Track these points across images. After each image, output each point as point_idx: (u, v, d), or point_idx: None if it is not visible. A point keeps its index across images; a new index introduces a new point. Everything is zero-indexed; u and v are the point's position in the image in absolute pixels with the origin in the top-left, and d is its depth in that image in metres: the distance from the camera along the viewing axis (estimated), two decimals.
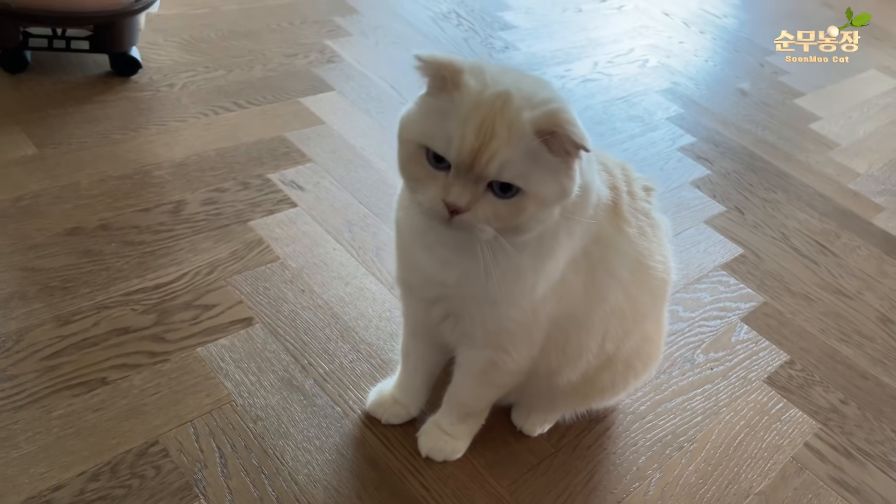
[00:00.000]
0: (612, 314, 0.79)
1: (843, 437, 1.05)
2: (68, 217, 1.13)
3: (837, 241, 1.47)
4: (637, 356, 0.86)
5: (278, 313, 1.05)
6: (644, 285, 0.80)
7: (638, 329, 0.84)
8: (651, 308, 0.84)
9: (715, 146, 1.71)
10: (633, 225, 0.77)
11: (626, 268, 0.77)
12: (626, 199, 0.77)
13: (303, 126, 1.46)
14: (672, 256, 0.86)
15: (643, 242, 0.79)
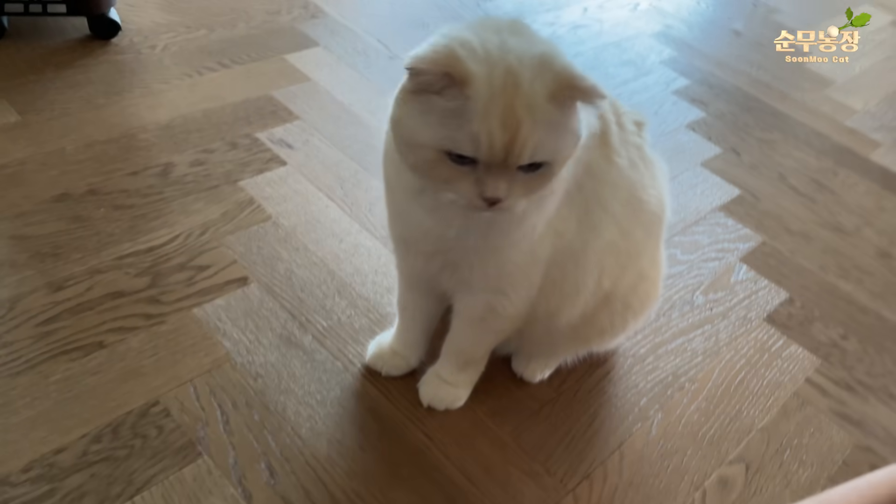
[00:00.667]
0: (607, 249, 0.78)
1: (844, 371, 1.05)
2: (55, 183, 1.12)
3: (835, 179, 1.45)
4: (634, 294, 0.86)
5: (273, 272, 1.04)
6: (637, 220, 0.79)
7: (633, 265, 0.83)
8: (645, 243, 0.83)
9: (709, 88, 1.69)
10: (623, 156, 0.76)
11: (619, 200, 0.76)
12: (615, 130, 0.75)
13: (289, 83, 1.43)
14: (667, 192, 0.85)
15: (635, 175, 0.77)
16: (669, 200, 0.86)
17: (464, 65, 0.59)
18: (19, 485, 0.76)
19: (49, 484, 0.76)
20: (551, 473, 0.86)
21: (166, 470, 0.79)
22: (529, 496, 0.83)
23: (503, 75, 0.59)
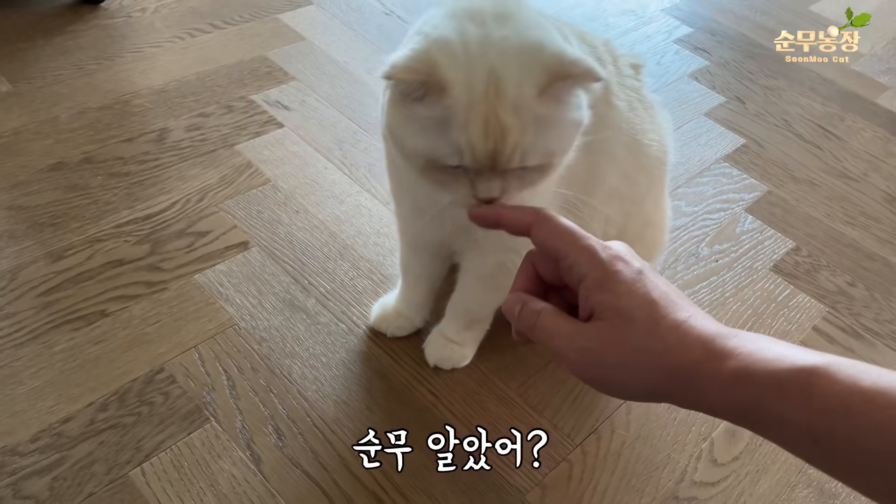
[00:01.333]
0: (612, 196, 0.77)
1: (852, 318, 1.05)
2: (50, 152, 1.10)
3: (841, 124, 1.43)
4: (641, 242, 0.85)
5: (274, 236, 1.03)
6: (639, 164, 0.78)
7: (638, 211, 0.82)
8: (649, 188, 0.82)
9: (712, 35, 1.65)
10: (622, 99, 0.74)
11: (620, 144, 0.75)
12: (612, 71, 0.74)
13: (283, 44, 1.41)
14: (669, 136, 0.83)
15: (634, 118, 0.76)
16: (672, 145, 0.84)
17: (440, 72, 0.55)
18: (28, 454, 0.76)
19: (58, 452, 0.77)
20: (558, 429, 0.86)
21: (174, 436, 0.80)
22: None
23: (484, 79, 0.55)
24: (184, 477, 0.76)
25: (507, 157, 0.56)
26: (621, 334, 0.47)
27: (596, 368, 0.48)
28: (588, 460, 0.84)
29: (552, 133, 0.58)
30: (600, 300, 0.47)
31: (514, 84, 0.55)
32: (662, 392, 0.47)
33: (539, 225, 0.51)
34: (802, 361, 0.43)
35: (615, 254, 0.49)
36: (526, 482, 0.80)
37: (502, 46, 0.56)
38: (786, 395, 0.42)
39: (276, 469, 0.78)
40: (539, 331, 0.49)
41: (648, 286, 0.47)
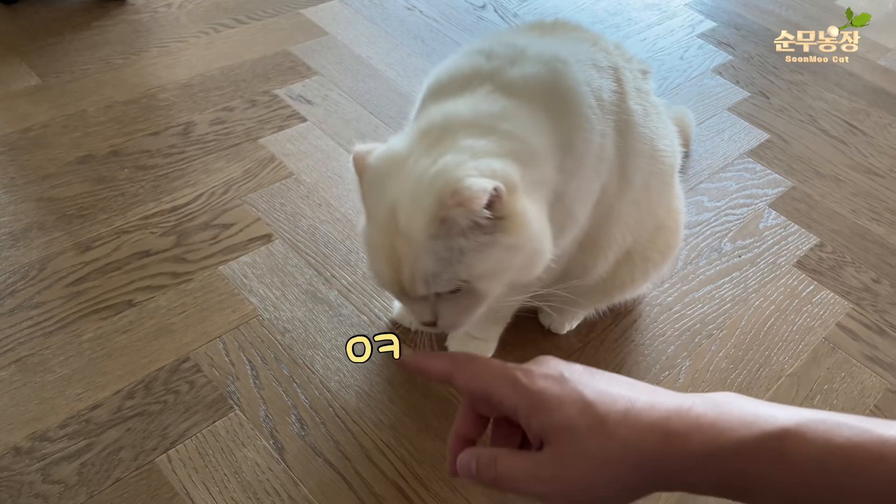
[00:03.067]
0: (632, 204, 0.76)
1: (876, 315, 1.04)
2: (78, 145, 1.12)
3: (867, 120, 1.41)
4: (654, 247, 0.84)
5: (297, 228, 1.04)
6: (654, 171, 0.77)
7: (651, 218, 0.81)
8: (661, 194, 0.81)
9: (736, 30, 1.64)
10: (638, 103, 0.73)
11: (644, 153, 0.74)
12: (628, 77, 0.73)
13: (306, 38, 1.42)
14: (675, 137, 0.83)
15: (651, 124, 0.75)
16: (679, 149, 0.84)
17: (364, 201, 0.60)
18: (57, 440, 0.78)
19: (86, 439, 0.78)
20: None
21: (199, 424, 0.81)
22: None
23: (387, 211, 0.57)
24: (208, 464, 0.77)
25: (409, 285, 0.57)
26: (573, 448, 0.45)
27: (569, 493, 0.46)
28: None
29: (462, 260, 0.56)
30: (540, 423, 0.46)
31: (405, 215, 0.56)
32: (640, 487, 0.45)
33: (457, 372, 0.51)
34: (771, 426, 0.42)
35: (539, 373, 0.48)
36: None
37: (410, 177, 0.57)
38: (763, 465, 0.41)
39: (298, 457, 0.79)
40: (503, 480, 0.47)
41: (579, 389, 0.46)
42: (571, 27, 0.76)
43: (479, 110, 0.62)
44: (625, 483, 0.45)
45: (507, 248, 0.57)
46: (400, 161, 0.59)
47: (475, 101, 0.64)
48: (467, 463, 0.49)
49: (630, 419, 0.44)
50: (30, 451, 0.77)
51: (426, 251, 0.56)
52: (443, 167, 0.57)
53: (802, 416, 0.42)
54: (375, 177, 0.60)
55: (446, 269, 0.56)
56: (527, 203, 0.58)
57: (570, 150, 0.65)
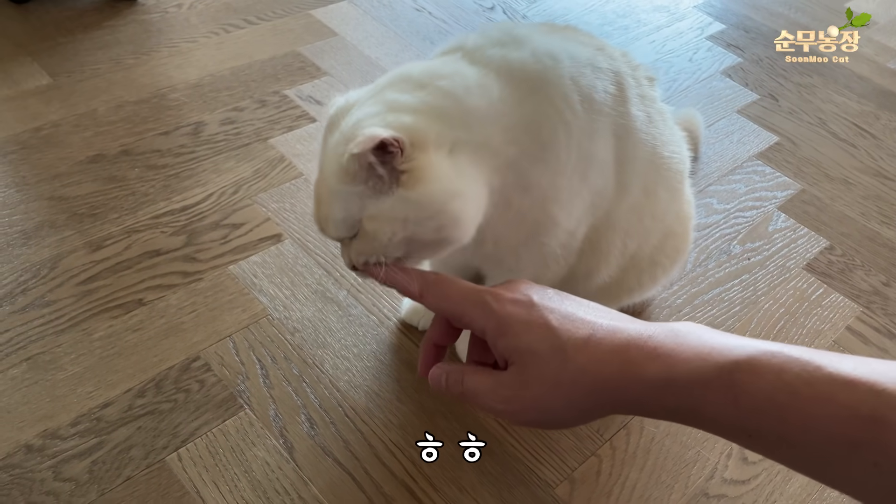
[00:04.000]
0: (632, 210, 0.76)
1: (886, 318, 1.03)
2: (89, 145, 1.13)
3: (877, 123, 1.41)
4: (662, 253, 0.84)
5: (307, 228, 1.04)
6: (660, 177, 0.76)
7: (658, 226, 0.81)
8: (669, 202, 0.81)
9: (745, 32, 1.63)
10: (641, 110, 0.73)
11: (642, 158, 0.73)
12: (631, 84, 0.72)
13: (316, 39, 1.42)
14: (683, 143, 0.82)
15: (654, 131, 0.74)
16: (686, 152, 0.83)
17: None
18: (69, 438, 0.78)
19: (97, 437, 0.79)
20: (588, 424, 0.86)
21: (209, 423, 0.81)
22: (565, 445, 0.84)
23: (322, 157, 0.62)
24: (219, 463, 0.78)
25: (324, 226, 0.62)
26: (533, 371, 0.47)
27: (525, 412, 0.48)
28: (617, 455, 0.84)
29: (360, 205, 0.58)
30: (505, 345, 0.48)
31: (327, 162, 0.60)
32: (596, 409, 0.47)
33: (428, 292, 0.53)
34: (724, 358, 0.43)
35: (508, 298, 0.50)
36: (555, 476, 0.81)
37: (340, 129, 0.61)
38: (714, 396, 0.43)
39: (308, 457, 0.79)
40: (468, 395, 0.50)
41: (545, 315, 0.48)
42: (582, 33, 0.75)
43: (427, 69, 0.64)
44: (580, 405, 0.47)
45: (404, 201, 0.57)
46: (346, 111, 0.63)
47: (435, 63, 0.66)
48: (438, 377, 0.53)
49: (591, 346, 0.47)
50: (41, 448, 0.77)
51: (335, 196, 0.59)
52: (357, 119, 0.59)
53: (757, 348, 0.43)
54: (328, 125, 0.64)
55: (348, 213, 0.59)
56: (438, 161, 0.58)
57: (535, 133, 0.64)
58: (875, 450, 0.39)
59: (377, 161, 0.55)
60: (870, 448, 0.39)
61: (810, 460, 0.42)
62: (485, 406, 0.50)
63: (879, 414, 0.38)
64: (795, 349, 0.42)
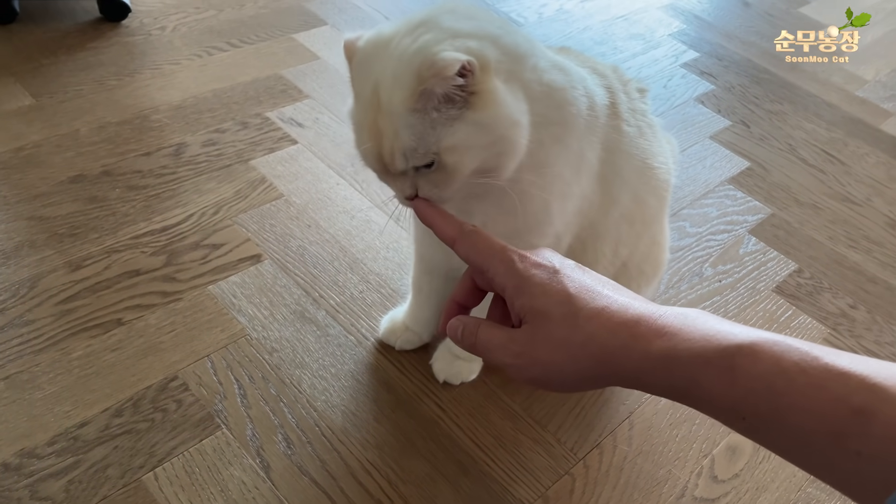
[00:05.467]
0: (623, 218, 0.79)
1: (853, 339, 1.06)
2: (70, 165, 1.14)
3: (845, 149, 1.45)
4: (647, 261, 0.87)
5: (286, 249, 1.06)
6: (649, 187, 0.80)
7: (647, 232, 0.84)
8: (657, 211, 0.84)
9: (718, 60, 1.68)
10: (632, 124, 0.76)
11: (632, 169, 0.77)
12: (623, 99, 0.76)
13: (298, 62, 1.44)
14: (670, 157, 0.85)
15: (644, 143, 0.78)
16: (673, 165, 0.86)
17: (353, 83, 0.62)
18: (45, 457, 0.78)
19: (74, 456, 0.79)
20: (561, 443, 0.87)
21: (186, 442, 0.82)
22: (540, 464, 0.85)
23: (371, 90, 0.60)
24: (195, 482, 0.78)
25: (389, 159, 0.60)
26: (545, 332, 0.49)
27: (530, 369, 0.51)
28: (590, 474, 0.85)
29: (434, 133, 0.58)
30: (521, 305, 0.51)
31: (386, 91, 0.59)
32: (598, 377, 0.49)
33: (461, 240, 0.55)
34: (728, 341, 0.44)
35: (533, 261, 0.52)
36: (529, 494, 0.82)
37: (392, 56, 0.60)
38: (713, 376, 0.44)
39: (284, 476, 0.80)
40: (480, 346, 0.53)
41: (565, 282, 0.50)
42: (575, 53, 0.79)
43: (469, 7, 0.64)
44: (583, 370, 0.49)
45: (475, 125, 0.58)
46: (385, 43, 0.62)
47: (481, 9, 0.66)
48: (455, 327, 0.55)
49: (602, 316, 0.48)
50: (18, 467, 0.77)
51: (404, 125, 0.58)
52: (422, 44, 0.59)
53: (759, 336, 0.44)
54: (363, 59, 0.63)
55: (421, 142, 0.59)
56: (500, 86, 0.60)
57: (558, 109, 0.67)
58: (860, 440, 0.40)
59: (454, 85, 0.57)
60: (855, 438, 0.40)
61: (798, 448, 0.43)
62: (494, 358, 0.52)
63: (868, 406, 0.40)
64: (797, 341, 0.44)
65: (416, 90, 0.56)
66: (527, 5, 1.79)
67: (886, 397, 0.40)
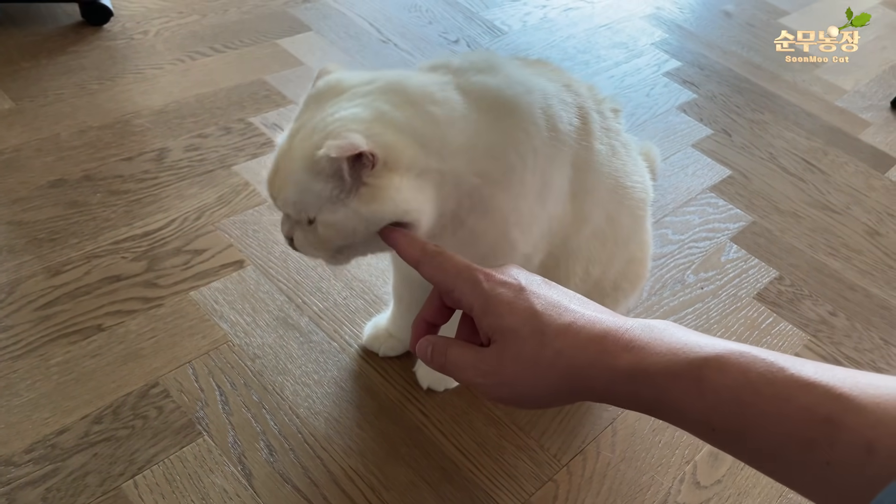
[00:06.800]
0: (595, 237, 0.78)
1: (833, 346, 1.07)
2: (51, 169, 1.12)
3: (825, 158, 1.47)
4: (624, 278, 0.87)
5: (269, 255, 1.05)
6: (623, 206, 0.79)
7: (622, 251, 0.83)
8: (632, 229, 0.84)
9: (700, 70, 1.70)
10: (605, 143, 0.75)
11: (604, 188, 0.76)
12: (595, 118, 0.75)
13: (282, 68, 1.44)
14: (646, 173, 0.85)
15: (617, 163, 0.77)
16: (650, 182, 0.87)
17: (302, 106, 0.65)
18: (23, 465, 0.77)
19: (52, 464, 0.78)
20: (545, 449, 0.87)
21: (167, 449, 0.81)
22: (523, 470, 0.85)
23: (297, 128, 0.62)
24: (176, 490, 0.77)
25: (275, 196, 0.62)
26: (513, 351, 0.50)
27: (500, 388, 0.51)
28: (574, 481, 0.85)
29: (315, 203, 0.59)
30: (489, 324, 0.51)
31: (299, 140, 0.60)
32: (568, 393, 0.50)
33: (425, 261, 0.55)
34: (695, 354, 0.45)
35: (498, 279, 0.52)
36: (513, 501, 0.82)
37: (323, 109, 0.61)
38: (681, 389, 0.45)
39: (266, 484, 0.79)
40: (450, 366, 0.53)
41: (531, 300, 0.51)
42: (551, 67, 0.78)
43: (422, 88, 0.64)
44: (553, 387, 0.49)
45: (356, 214, 0.58)
46: (334, 93, 0.63)
47: (429, 82, 0.66)
48: (424, 347, 0.55)
49: (570, 332, 0.49)
50: None
51: (294, 179, 0.59)
52: (346, 115, 0.60)
53: (726, 348, 0.45)
54: (312, 95, 0.64)
55: (301, 202, 0.60)
56: (402, 185, 0.59)
57: (502, 159, 0.65)
58: (828, 450, 0.40)
59: (348, 168, 0.57)
60: (823, 448, 0.41)
61: (768, 458, 0.44)
62: (464, 378, 0.52)
63: (835, 415, 0.40)
64: (763, 351, 0.45)
65: (312, 156, 0.57)
66: (510, 13, 1.80)
67: (852, 406, 0.40)
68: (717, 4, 2.03)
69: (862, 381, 0.41)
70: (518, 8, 1.83)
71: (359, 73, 0.66)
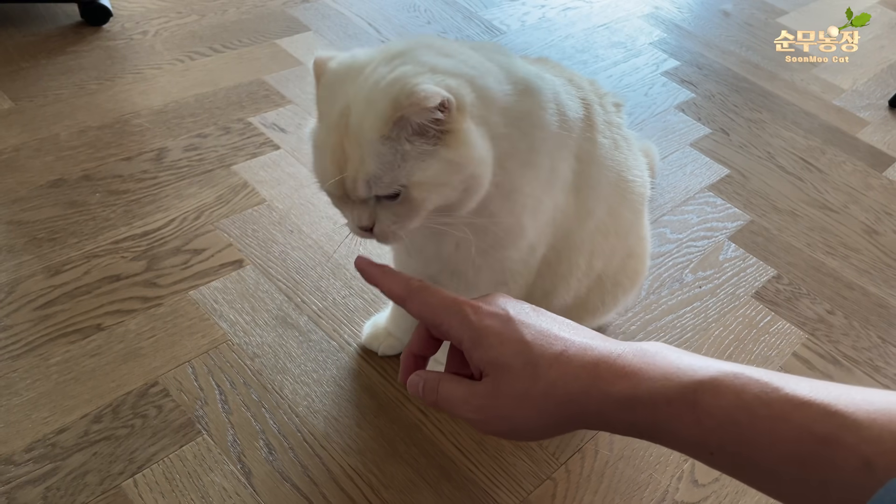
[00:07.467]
0: (597, 230, 0.79)
1: (831, 345, 1.07)
2: (50, 169, 1.13)
3: (823, 157, 1.47)
4: (623, 272, 0.87)
5: (268, 254, 1.05)
6: (624, 200, 0.80)
7: (622, 244, 0.84)
8: (632, 223, 0.85)
9: (699, 69, 1.70)
10: (607, 137, 0.76)
11: (607, 182, 0.77)
12: (598, 111, 0.76)
13: (281, 68, 1.44)
14: (645, 168, 0.86)
15: (619, 156, 0.78)
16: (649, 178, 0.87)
17: (318, 103, 0.62)
18: (22, 464, 0.77)
19: (52, 463, 0.78)
20: (543, 447, 0.88)
21: (167, 448, 0.81)
22: (521, 469, 0.85)
23: (339, 112, 0.59)
24: (175, 489, 0.78)
25: (351, 185, 0.59)
26: (506, 385, 0.49)
27: (496, 423, 0.50)
28: (572, 479, 0.85)
29: (404, 165, 0.58)
30: (479, 357, 0.50)
31: (357, 115, 0.58)
32: (564, 423, 0.49)
33: (410, 298, 0.54)
34: (688, 377, 0.45)
35: (486, 311, 0.51)
36: (511, 499, 0.82)
37: (367, 81, 0.59)
38: (676, 415, 0.45)
39: (266, 482, 0.79)
40: (442, 402, 0.52)
41: (521, 330, 0.50)
42: (552, 64, 0.79)
43: (445, 44, 0.64)
44: (548, 418, 0.49)
45: (446, 163, 0.58)
46: (359, 68, 0.61)
47: (447, 41, 0.66)
48: (415, 384, 0.54)
49: (562, 362, 0.48)
50: None
51: (373, 152, 0.57)
52: (401, 74, 0.58)
53: (719, 369, 0.45)
54: (333, 80, 0.62)
55: (388, 172, 0.58)
56: (473, 128, 0.60)
57: (526, 133, 0.65)
58: (826, 468, 0.41)
59: (432, 117, 0.56)
60: (821, 466, 0.41)
61: (766, 478, 0.44)
62: (457, 414, 0.51)
63: (831, 434, 0.40)
64: (757, 371, 0.44)
65: (391, 117, 0.56)
66: (509, 13, 1.80)
67: (848, 424, 0.40)
68: (715, 4, 2.03)
69: (857, 397, 0.42)
70: (516, 8, 1.84)
71: (360, 50, 0.65)
